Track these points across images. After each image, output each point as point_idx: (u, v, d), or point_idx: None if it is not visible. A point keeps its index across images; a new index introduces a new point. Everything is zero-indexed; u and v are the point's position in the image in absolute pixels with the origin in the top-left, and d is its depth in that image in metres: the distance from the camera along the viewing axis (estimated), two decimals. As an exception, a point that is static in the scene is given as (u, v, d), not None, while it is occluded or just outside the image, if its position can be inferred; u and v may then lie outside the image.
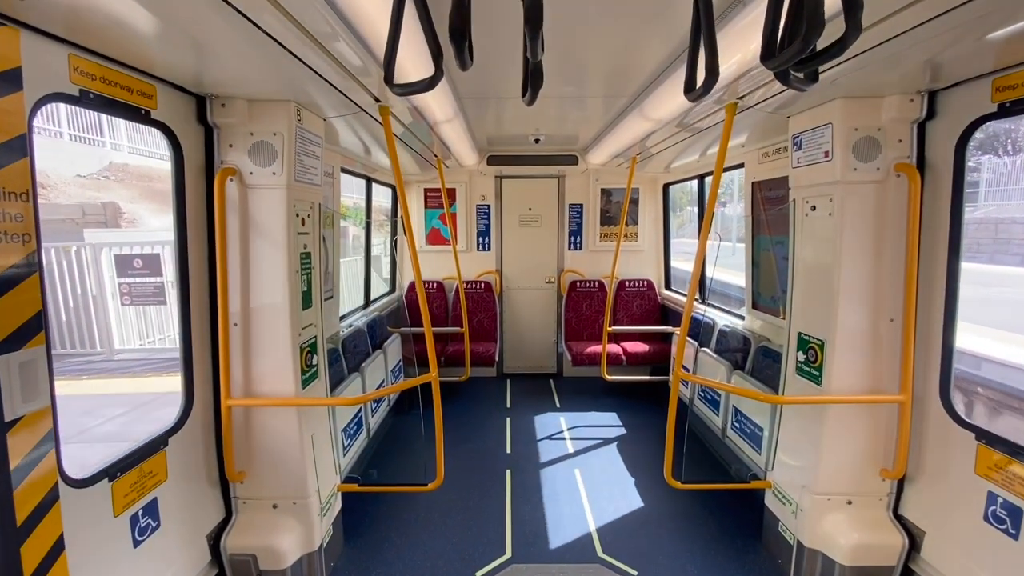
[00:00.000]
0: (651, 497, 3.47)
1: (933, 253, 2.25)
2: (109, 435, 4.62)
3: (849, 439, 2.45)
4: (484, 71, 2.47)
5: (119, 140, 13.44)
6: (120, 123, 12.70)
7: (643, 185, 5.83)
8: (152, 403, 5.42)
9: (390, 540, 3.02)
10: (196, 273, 2.30)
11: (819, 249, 2.50)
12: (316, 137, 2.56)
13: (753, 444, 3.27)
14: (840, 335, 2.39)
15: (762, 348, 3.46)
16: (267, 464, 2.49)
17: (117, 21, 1.47)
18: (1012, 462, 1.94)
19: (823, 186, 2.43)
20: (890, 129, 2.27)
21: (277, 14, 1.41)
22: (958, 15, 1.43)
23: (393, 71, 1.10)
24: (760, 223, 3.72)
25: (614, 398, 5.37)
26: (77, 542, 1.67)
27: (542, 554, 2.89)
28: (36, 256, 1.51)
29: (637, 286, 5.84)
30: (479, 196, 5.90)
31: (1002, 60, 1.85)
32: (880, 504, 2.47)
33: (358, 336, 4.05)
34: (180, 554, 2.22)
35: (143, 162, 13.58)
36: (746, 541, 2.98)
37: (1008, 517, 1.95)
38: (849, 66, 1.86)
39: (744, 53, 1.70)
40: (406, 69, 1.75)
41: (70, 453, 1.62)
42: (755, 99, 2.36)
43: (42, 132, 11.35)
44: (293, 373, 2.42)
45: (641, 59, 2.29)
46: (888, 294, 2.34)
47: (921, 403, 2.34)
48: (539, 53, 1.02)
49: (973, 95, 2.05)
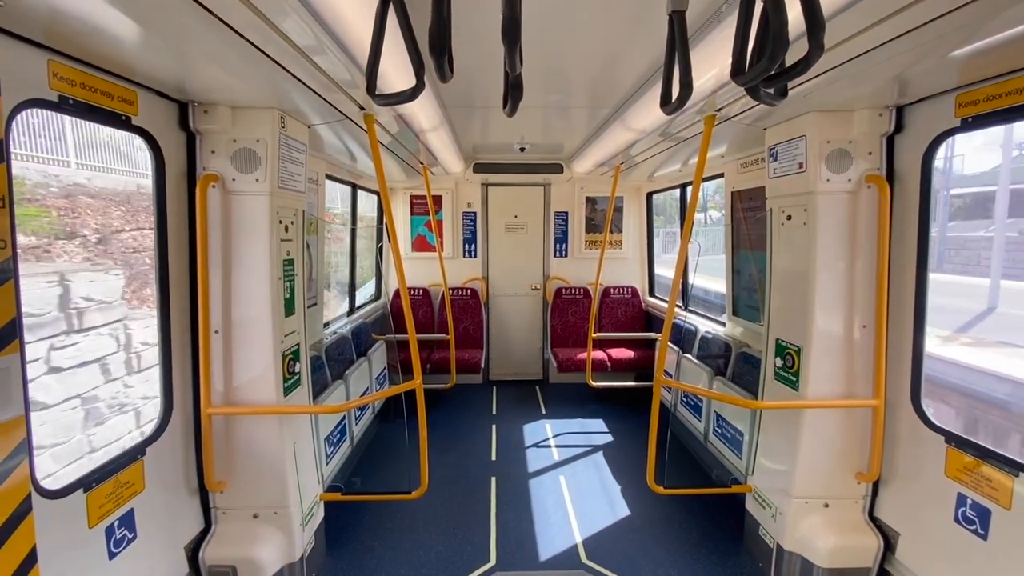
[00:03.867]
0: (635, 503, 3.49)
1: (903, 261, 2.33)
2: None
3: (825, 443, 2.51)
4: (469, 80, 2.50)
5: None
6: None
7: (627, 193, 5.92)
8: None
9: (373, 549, 2.99)
10: (176, 279, 2.28)
11: (795, 257, 2.57)
12: (300, 144, 2.56)
13: (734, 449, 3.32)
14: (816, 341, 2.45)
15: (743, 354, 3.52)
16: (248, 473, 2.46)
17: (97, 28, 1.46)
18: (980, 464, 2.01)
19: (798, 196, 2.50)
20: (861, 142, 2.36)
21: (261, 24, 1.42)
22: (922, 34, 1.50)
23: (375, 82, 1.12)
24: (740, 235, 3.80)
25: (600, 404, 5.40)
26: (51, 554, 1.63)
27: (527, 561, 2.89)
28: (12, 263, 1.48)
29: (622, 293, 5.90)
30: (465, 203, 5.93)
31: (965, 77, 1.93)
32: (856, 507, 2.53)
33: (342, 343, 4.02)
34: (157, 566, 2.17)
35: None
36: (728, 545, 3.01)
37: (977, 518, 2.01)
38: (820, 81, 1.93)
39: (721, 67, 1.75)
40: (390, 79, 1.77)
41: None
42: (733, 111, 2.43)
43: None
44: (275, 381, 2.40)
45: (623, 71, 2.34)
46: (861, 301, 2.41)
47: (893, 407, 2.40)
48: (518, 66, 1.05)
49: (938, 110, 2.14)
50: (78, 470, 1.85)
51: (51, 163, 4.58)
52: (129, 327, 4.56)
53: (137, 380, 4.63)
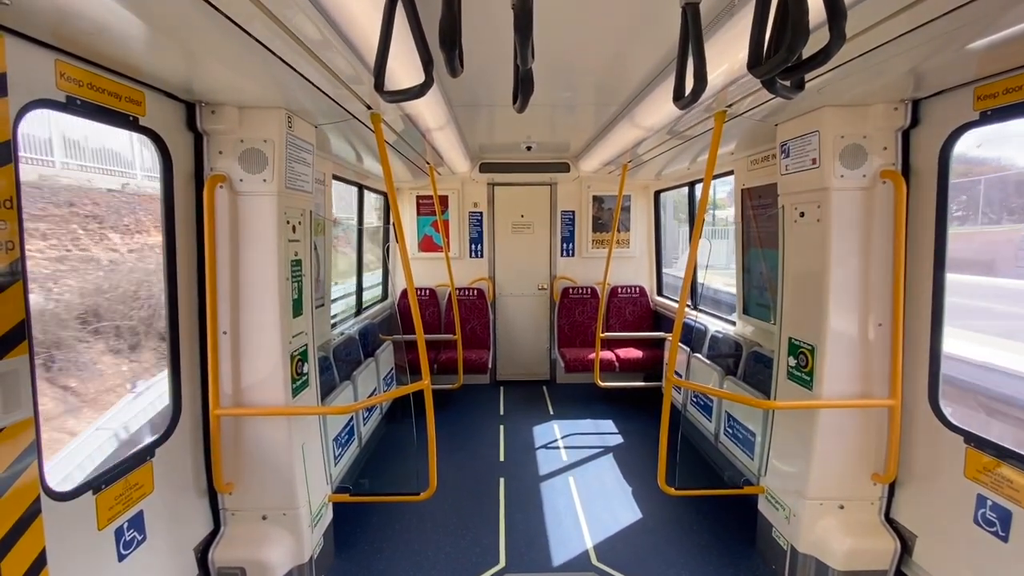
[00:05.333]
0: (645, 504, 3.46)
1: (919, 258, 2.28)
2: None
3: (840, 444, 2.46)
4: (476, 79, 2.48)
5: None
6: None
7: (635, 192, 5.88)
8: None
9: (382, 550, 2.98)
10: (184, 280, 2.28)
11: (808, 255, 2.53)
12: (307, 144, 2.55)
13: (746, 449, 3.27)
14: (830, 340, 2.41)
15: (754, 353, 3.47)
16: (256, 474, 2.45)
17: (105, 28, 1.46)
18: (1000, 465, 1.96)
19: (811, 193, 2.46)
20: (875, 137, 2.31)
21: (268, 22, 1.41)
22: (940, 25, 1.46)
23: (383, 78, 1.10)
24: (750, 233, 3.75)
25: (608, 404, 5.37)
26: (60, 557, 1.63)
27: (536, 563, 2.86)
28: (20, 264, 1.48)
29: (629, 292, 5.86)
30: (471, 203, 5.91)
31: (983, 69, 1.89)
32: (872, 508, 2.48)
33: (350, 344, 4.02)
34: (167, 568, 2.17)
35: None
36: (740, 547, 2.97)
37: (998, 520, 1.97)
38: (835, 75, 1.90)
39: (732, 62, 1.72)
40: (397, 77, 1.75)
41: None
42: (743, 107, 2.39)
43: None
44: (283, 382, 2.40)
45: (631, 67, 2.32)
46: (876, 299, 2.37)
47: (910, 407, 2.35)
48: (529, 60, 1.03)
49: (955, 103, 2.09)
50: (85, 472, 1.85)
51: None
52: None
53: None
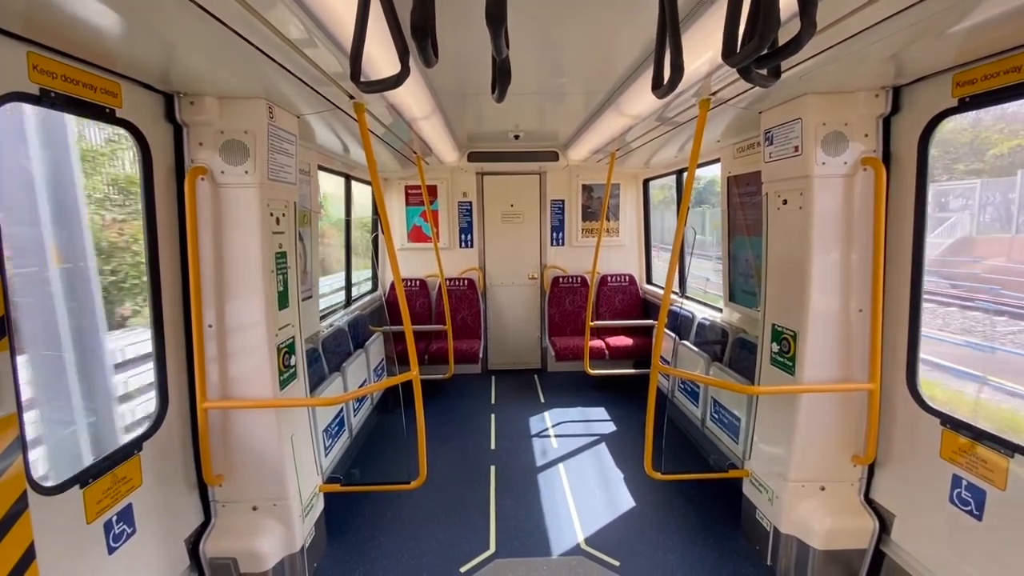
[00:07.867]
0: (635, 489, 3.52)
1: (899, 244, 2.32)
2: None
3: (821, 427, 2.52)
4: (460, 67, 2.46)
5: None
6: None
7: (623, 180, 5.88)
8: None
9: (374, 539, 3.01)
10: (168, 275, 2.26)
11: (790, 242, 2.56)
12: (290, 135, 2.53)
13: (731, 434, 3.33)
14: (812, 326, 2.45)
15: (739, 340, 3.52)
16: (246, 466, 2.46)
17: (79, 19, 1.43)
18: (975, 446, 2.02)
19: (793, 180, 2.48)
20: (857, 124, 2.33)
21: (246, 14, 1.38)
22: (917, 11, 1.47)
23: (360, 68, 1.09)
24: (736, 220, 3.78)
25: (598, 392, 5.42)
26: (49, 550, 1.64)
27: (526, 548, 2.91)
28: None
29: (619, 281, 5.89)
30: (461, 193, 5.88)
31: (962, 55, 1.90)
32: (852, 489, 2.55)
33: (339, 336, 4.02)
34: (158, 560, 2.18)
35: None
36: (726, 529, 3.04)
37: (972, 499, 2.03)
38: (815, 62, 1.90)
39: (715, 50, 1.72)
40: (379, 66, 1.73)
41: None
42: (728, 95, 2.40)
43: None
44: (270, 374, 2.40)
45: (616, 56, 2.31)
46: (857, 285, 2.41)
47: (889, 390, 2.40)
48: (504, 50, 1.02)
49: (935, 90, 2.11)
50: (73, 467, 1.85)
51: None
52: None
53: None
